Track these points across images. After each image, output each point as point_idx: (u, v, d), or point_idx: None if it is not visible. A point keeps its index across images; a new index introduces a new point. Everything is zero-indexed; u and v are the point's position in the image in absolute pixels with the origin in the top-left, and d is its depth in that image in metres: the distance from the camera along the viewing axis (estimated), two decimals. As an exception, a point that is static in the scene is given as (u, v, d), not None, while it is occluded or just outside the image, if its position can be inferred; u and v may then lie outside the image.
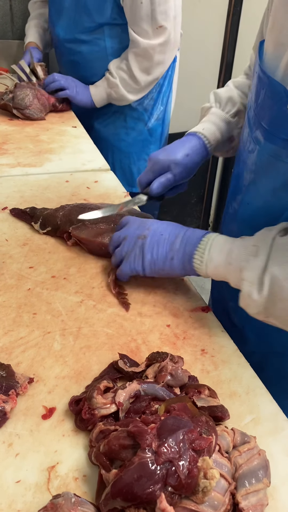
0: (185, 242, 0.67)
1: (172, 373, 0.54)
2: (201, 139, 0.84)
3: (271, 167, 0.66)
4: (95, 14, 1.43)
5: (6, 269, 0.76)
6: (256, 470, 0.46)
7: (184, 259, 0.66)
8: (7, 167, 1.14)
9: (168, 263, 0.68)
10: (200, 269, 0.66)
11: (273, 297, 0.57)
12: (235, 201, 0.79)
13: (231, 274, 0.62)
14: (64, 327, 0.66)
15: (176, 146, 0.82)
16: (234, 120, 0.86)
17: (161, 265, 0.69)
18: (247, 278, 0.59)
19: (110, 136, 1.67)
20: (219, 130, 0.85)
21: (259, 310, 0.59)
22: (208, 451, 0.44)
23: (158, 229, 0.70)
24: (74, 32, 1.51)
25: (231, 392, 0.58)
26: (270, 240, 0.59)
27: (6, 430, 0.51)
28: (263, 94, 0.64)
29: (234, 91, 0.87)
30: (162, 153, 0.82)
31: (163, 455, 0.41)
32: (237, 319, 0.80)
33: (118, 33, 1.46)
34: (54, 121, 1.53)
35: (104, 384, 0.52)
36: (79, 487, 0.46)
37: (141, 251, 0.69)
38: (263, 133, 0.66)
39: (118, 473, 0.42)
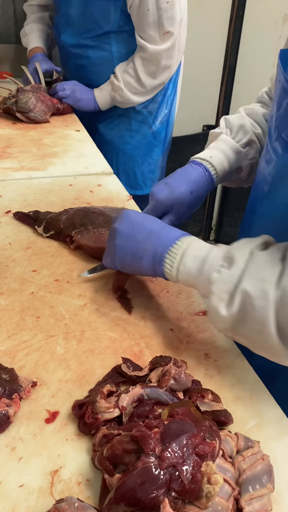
0: (156, 242, 0.61)
1: (175, 377, 0.54)
2: (207, 171, 0.78)
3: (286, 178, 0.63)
4: (101, 22, 1.44)
5: (9, 273, 0.77)
6: (260, 475, 0.46)
7: (154, 261, 0.61)
8: (11, 170, 1.15)
9: (137, 262, 0.63)
10: (170, 275, 0.60)
11: (243, 316, 0.52)
12: (251, 212, 0.77)
13: (200, 284, 0.57)
14: (67, 331, 0.66)
15: (180, 180, 0.76)
16: (245, 151, 0.81)
17: (130, 263, 0.64)
18: (216, 292, 0.54)
19: (114, 139, 1.67)
20: (227, 160, 0.80)
21: (226, 326, 0.55)
22: (212, 456, 0.44)
23: (131, 221, 0.64)
24: (81, 38, 1.52)
25: (234, 396, 0.58)
26: (247, 253, 0.54)
27: (9, 434, 0.51)
28: (285, 104, 0.61)
29: (246, 119, 0.83)
30: (164, 191, 0.75)
31: (166, 460, 0.41)
32: None
33: (124, 39, 1.47)
34: (58, 124, 1.53)
35: (107, 388, 0.52)
36: (82, 491, 0.46)
37: (113, 245, 0.65)
38: (282, 144, 0.63)
39: (122, 478, 0.41)
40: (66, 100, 1.58)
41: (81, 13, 1.46)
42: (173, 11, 1.37)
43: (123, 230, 0.64)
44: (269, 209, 0.70)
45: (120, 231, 0.64)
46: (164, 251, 0.60)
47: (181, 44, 1.47)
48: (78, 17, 1.48)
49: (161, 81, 1.53)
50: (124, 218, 0.65)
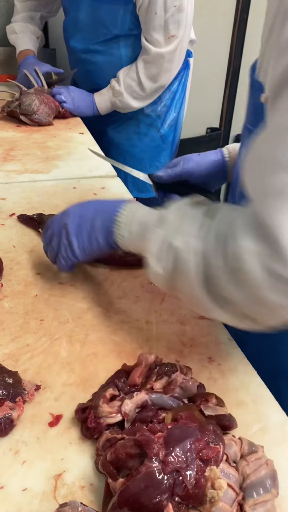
0: (104, 217, 0.64)
1: (182, 386, 0.54)
2: (221, 151, 0.84)
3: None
4: (111, 26, 1.45)
5: (13, 275, 0.77)
6: (264, 480, 0.46)
7: (107, 235, 0.64)
8: (15, 173, 1.15)
9: (95, 243, 0.65)
10: (122, 244, 0.63)
11: (176, 271, 0.53)
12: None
13: (141, 246, 0.59)
14: (71, 334, 0.66)
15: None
16: None
17: (89, 247, 0.66)
18: (152, 251, 0.55)
19: (123, 142, 1.68)
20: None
21: (165, 284, 0.56)
22: (216, 460, 0.44)
23: (77, 211, 0.67)
24: (90, 43, 1.52)
25: (238, 400, 0.58)
26: (176, 209, 0.57)
27: (13, 437, 0.51)
28: (248, 96, 0.65)
29: None
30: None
31: (170, 464, 0.41)
32: (237, 338, 0.79)
33: (133, 42, 1.48)
34: (61, 127, 1.54)
35: (110, 392, 0.52)
36: (86, 495, 0.46)
37: (67, 239, 0.67)
38: (247, 132, 0.66)
39: (125, 482, 0.41)
40: (66, 106, 1.58)
41: (90, 17, 1.46)
42: (180, 16, 1.37)
43: (73, 221, 0.66)
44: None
45: (70, 224, 0.66)
46: (112, 223, 0.63)
47: (183, 48, 1.48)
48: (87, 21, 1.48)
49: (161, 85, 1.53)
50: (67, 212, 0.68)
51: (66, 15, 1.58)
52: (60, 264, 0.70)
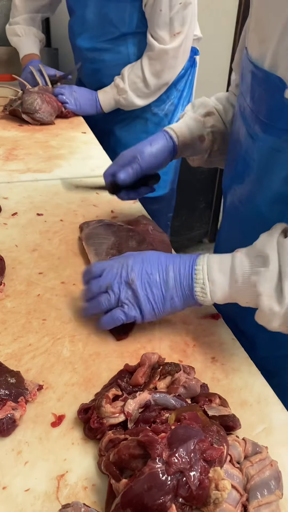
0: (179, 277, 0.61)
1: (185, 385, 0.53)
2: (167, 133, 0.85)
3: (272, 159, 0.66)
4: (118, 24, 1.44)
5: (15, 275, 0.76)
6: (268, 481, 0.45)
7: (184, 295, 0.61)
8: (17, 172, 1.15)
9: (169, 303, 0.62)
10: (205, 301, 0.61)
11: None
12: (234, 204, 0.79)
13: (241, 293, 0.58)
14: (74, 334, 0.65)
15: (142, 142, 0.84)
16: (204, 119, 0.87)
17: (161, 308, 0.62)
18: (263, 291, 0.54)
19: (130, 141, 1.66)
20: (187, 126, 0.85)
21: (280, 322, 0.55)
22: (220, 461, 0.43)
23: (143, 269, 0.62)
24: (97, 42, 1.51)
25: (242, 401, 0.58)
26: (275, 244, 0.56)
27: (15, 437, 0.51)
28: (260, 90, 0.64)
29: (210, 99, 0.89)
30: (128, 150, 0.83)
31: (173, 465, 0.41)
32: (247, 328, 0.79)
33: (140, 40, 1.47)
34: (64, 127, 1.53)
35: (112, 392, 0.52)
36: (89, 496, 0.46)
37: (135, 298, 0.62)
38: (261, 126, 0.66)
39: (128, 483, 0.41)
40: (69, 107, 1.59)
41: (97, 16, 1.46)
42: (185, 13, 1.37)
43: (142, 280, 0.62)
44: (257, 196, 0.71)
45: (138, 282, 0.62)
46: (191, 282, 0.60)
47: (187, 45, 1.47)
48: (94, 19, 1.47)
49: (165, 81, 1.52)
50: (132, 266, 0.63)
51: (71, 14, 1.57)
52: (117, 318, 0.63)
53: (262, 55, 0.62)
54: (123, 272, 0.63)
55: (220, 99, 0.90)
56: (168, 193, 1.74)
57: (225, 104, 0.89)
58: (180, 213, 2.60)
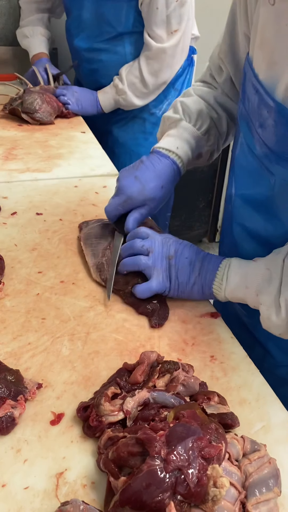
0: (205, 268, 0.68)
1: (184, 383, 0.54)
2: (175, 163, 0.79)
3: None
4: (115, 23, 1.44)
5: (15, 274, 0.77)
6: (266, 479, 0.45)
7: (203, 285, 0.69)
8: (17, 172, 1.15)
9: (189, 288, 0.70)
10: (218, 295, 0.68)
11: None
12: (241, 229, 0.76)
13: (248, 297, 0.64)
14: (73, 332, 0.66)
15: (149, 174, 0.77)
16: (205, 137, 0.82)
17: (183, 289, 0.70)
18: (264, 302, 0.60)
19: (128, 141, 1.67)
20: (191, 149, 0.81)
21: (281, 331, 0.60)
22: (218, 459, 0.43)
23: (182, 252, 0.70)
24: (94, 42, 1.51)
25: (240, 399, 0.58)
26: (280, 263, 0.61)
27: (14, 435, 0.51)
28: (270, 120, 0.60)
29: (201, 103, 0.82)
30: (134, 186, 0.76)
31: (172, 463, 0.41)
32: (259, 335, 0.79)
33: (137, 40, 1.47)
34: (63, 126, 1.54)
35: (111, 390, 0.52)
36: (88, 494, 0.46)
37: (169, 273, 0.70)
38: (276, 159, 0.61)
39: (127, 481, 0.41)
40: (70, 108, 1.59)
41: (94, 16, 1.46)
42: (182, 10, 1.36)
43: (179, 259, 0.70)
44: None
45: (176, 260, 0.70)
46: (212, 276, 0.68)
47: (185, 43, 1.47)
48: (90, 19, 1.47)
49: (163, 80, 1.52)
50: (173, 246, 0.71)
51: (68, 15, 1.57)
52: (154, 287, 0.69)
53: (272, 80, 0.58)
54: (165, 246, 0.71)
55: (208, 100, 0.83)
56: None
57: (218, 109, 0.83)
58: (179, 213, 2.60)
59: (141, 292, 0.70)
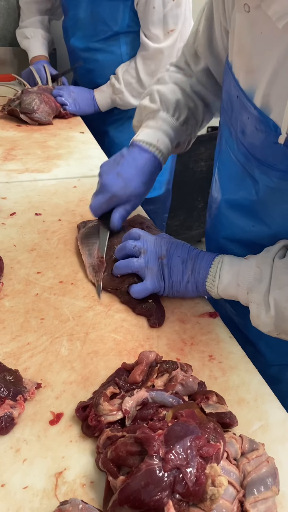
0: (198, 266, 0.69)
1: (182, 383, 0.54)
2: (156, 158, 0.80)
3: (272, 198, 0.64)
4: (110, 22, 1.44)
5: (14, 274, 0.77)
6: (264, 478, 0.46)
7: (197, 282, 0.69)
8: (15, 172, 1.15)
9: (184, 286, 0.70)
10: (212, 291, 0.68)
11: (281, 318, 0.59)
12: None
13: (240, 295, 0.64)
14: (72, 332, 0.66)
15: (132, 171, 0.78)
16: (183, 128, 0.84)
17: (177, 288, 0.71)
18: (253, 300, 0.61)
19: (124, 142, 1.66)
20: (170, 140, 0.81)
21: (270, 329, 0.61)
22: (216, 458, 0.44)
23: (175, 251, 0.70)
24: (90, 41, 1.51)
25: (239, 398, 0.58)
26: (270, 262, 0.61)
27: (13, 435, 0.51)
28: (251, 127, 0.60)
29: (178, 92, 0.83)
30: (118, 183, 0.77)
31: (170, 462, 0.41)
32: (251, 335, 0.80)
33: (133, 39, 1.47)
34: (62, 127, 1.54)
35: (110, 390, 0.52)
36: (87, 493, 0.46)
37: (162, 272, 0.70)
38: (257, 165, 0.62)
39: (126, 480, 0.41)
40: (68, 109, 1.59)
41: (89, 15, 1.45)
42: (179, 10, 1.36)
43: (171, 259, 0.70)
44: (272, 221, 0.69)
45: (167, 260, 0.70)
46: (205, 273, 0.68)
47: (181, 44, 1.46)
48: (86, 19, 1.47)
49: None
50: (165, 246, 0.71)
51: (65, 14, 1.58)
52: (148, 288, 0.70)
53: (251, 87, 0.58)
54: (157, 247, 0.71)
55: (185, 88, 0.83)
56: (164, 194, 1.74)
57: (194, 98, 0.83)
58: (178, 213, 2.60)
59: (137, 293, 0.70)
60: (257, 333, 0.64)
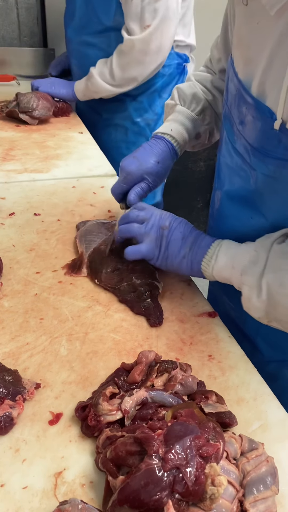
0: (197, 244, 0.70)
1: (182, 382, 0.54)
2: (170, 143, 0.85)
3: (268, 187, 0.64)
4: (102, 16, 1.41)
5: (13, 275, 0.77)
6: (264, 477, 0.46)
7: (193, 260, 0.69)
8: (14, 173, 1.15)
9: (178, 261, 0.71)
10: (206, 271, 0.69)
11: (272, 303, 0.59)
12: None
13: (234, 277, 0.65)
14: (71, 332, 0.66)
15: (146, 153, 0.84)
16: (200, 118, 0.87)
17: (171, 261, 0.72)
18: (246, 282, 0.62)
19: (111, 150, 1.62)
20: (186, 129, 0.86)
21: (260, 314, 0.61)
22: (216, 457, 0.44)
23: (178, 226, 0.73)
24: (83, 33, 1.49)
25: (238, 398, 0.58)
26: (268, 246, 0.62)
27: (13, 435, 0.51)
28: (248, 116, 0.62)
29: (197, 87, 0.88)
30: (133, 163, 0.83)
31: (170, 461, 0.41)
32: (248, 331, 0.80)
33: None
34: (61, 127, 1.54)
35: (109, 390, 0.52)
36: (86, 493, 0.46)
37: (160, 242, 0.72)
38: (254, 153, 0.64)
39: (125, 480, 0.41)
40: (41, 89, 1.57)
41: (84, 6, 1.43)
42: (157, 5, 1.30)
43: (173, 231, 0.72)
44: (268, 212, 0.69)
45: (169, 232, 0.72)
46: (203, 252, 0.69)
47: (162, 44, 1.37)
48: (81, 10, 1.45)
49: (131, 76, 1.43)
50: (170, 219, 0.73)
51: (66, 4, 1.56)
52: (142, 251, 0.73)
53: (249, 77, 0.61)
54: (161, 219, 0.73)
55: (205, 82, 0.88)
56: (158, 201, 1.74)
57: (214, 91, 0.88)
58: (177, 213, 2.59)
59: (130, 254, 0.73)
60: (254, 329, 0.64)
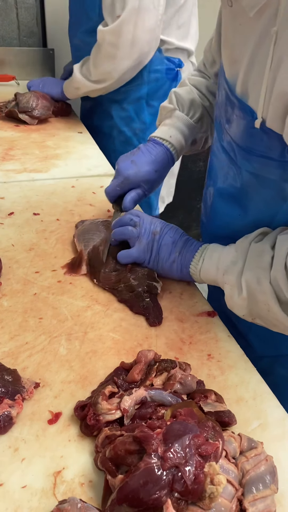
0: (186, 249, 0.73)
1: (181, 381, 0.54)
2: (169, 150, 0.85)
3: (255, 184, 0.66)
4: (90, 11, 1.37)
5: (12, 274, 0.77)
6: (263, 476, 0.46)
7: (182, 264, 0.73)
8: (14, 172, 1.15)
9: (169, 265, 0.74)
10: (194, 275, 0.72)
11: (252, 299, 0.61)
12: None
13: (218, 277, 0.67)
14: (70, 332, 0.66)
15: (145, 158, 0.83)
16: (198, 125, 0.88)
17: (162, 265, 0.75)
18: (228, 281, 0.64)
19: (117, 146, 1.63)
20: (184, 136, 0.86)
21: (244, 312, 0.63)
22: (215, 456, 0.44)
23: (168, 231, 0.75)
24: (77, 31, 1.47)
25: (238, 397, 0.58)
26: (247, 246, 0.64)
27: (12, 435, 0.51)
28: (233, 115, 0.64)
29: (194, 93, 0.89)
30: (131, 169, 0.82)
31: (169, 460, 0.41)
32: (241, 327, 0.81)
33: None
34: (60, 127, 1.54)
35: (108, 389, 0.52)
36: (85, 492, 0.46)
37: (151, 246, 0.75)
38: (239, 151, 0.65)
39: (124, 479, 0.41)
40: (32, 88, 1.57)
41: (77, 3, 1.42)
42: None
43: (163, 236, 0.75)
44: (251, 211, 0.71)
45: (160, 236, 0.75)
46: (191, 257, 0.72)
47: (136, 38, 1.28)
48: (74, 7, 1.44)
49: (106, 71, 1.35)
50: (160, 225, 0.76)
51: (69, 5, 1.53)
52: (133, 254, 0.75)
53: (234, 77, 0.62)
54: (152, 224, 0.76)
55: (201, 89, 0.89)
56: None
57: (209, 97, 0.89)
58: (177, 213, 2.60)
59: (121, 257, 0.76)
60: (248, 325, 0.66)
